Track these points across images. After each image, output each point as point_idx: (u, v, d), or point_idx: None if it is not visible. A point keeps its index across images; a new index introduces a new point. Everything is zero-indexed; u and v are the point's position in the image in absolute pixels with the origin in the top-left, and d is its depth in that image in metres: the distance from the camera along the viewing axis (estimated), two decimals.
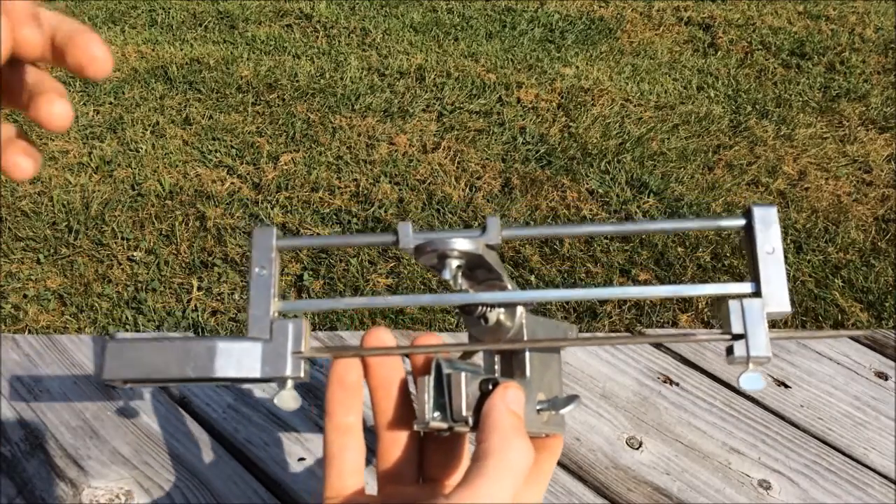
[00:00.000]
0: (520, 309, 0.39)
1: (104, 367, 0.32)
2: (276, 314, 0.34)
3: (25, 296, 1.53)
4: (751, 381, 0.33)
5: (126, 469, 0.63)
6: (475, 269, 0.38)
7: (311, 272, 1.57)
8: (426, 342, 0.36)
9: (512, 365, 0.39)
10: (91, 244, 1.65)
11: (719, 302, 0.34)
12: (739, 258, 1.61)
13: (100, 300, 1.51)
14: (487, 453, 0.31)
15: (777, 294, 0.33)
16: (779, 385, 0.71)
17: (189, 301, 1.51)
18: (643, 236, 1.66)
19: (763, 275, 0.34)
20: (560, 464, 0.64)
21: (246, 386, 0.70)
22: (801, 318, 1.49)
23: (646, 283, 1.55)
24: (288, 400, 0.33)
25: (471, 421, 0.33)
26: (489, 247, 0.36)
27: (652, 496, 0.62)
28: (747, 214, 0.35)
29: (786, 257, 1.60)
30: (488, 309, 0.38)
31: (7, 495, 0.61)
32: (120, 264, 1.60)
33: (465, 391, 0.33)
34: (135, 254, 1.63)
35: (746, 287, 0.34)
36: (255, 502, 0.61)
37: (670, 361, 0.72)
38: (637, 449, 0.65)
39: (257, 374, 0.33)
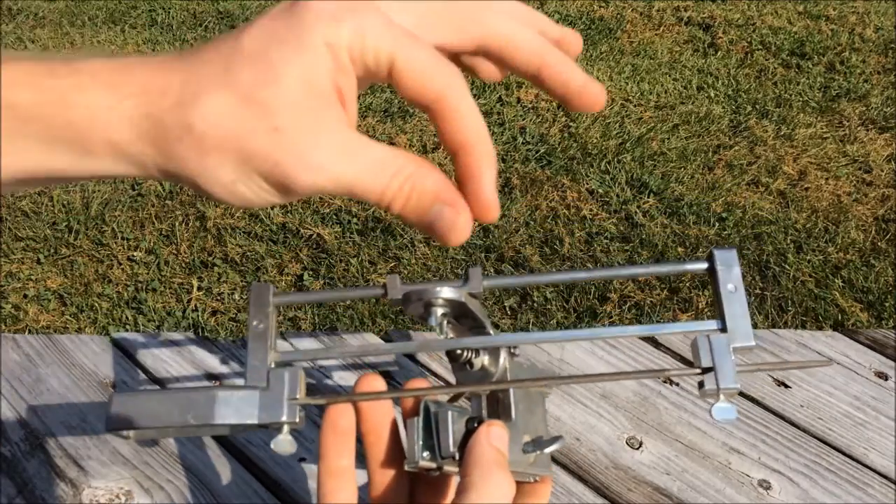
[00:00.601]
0: (503, 354, 0.41)
1: (108, 419, 0.33)
2: (273, 364, 0.36)
3: (25, 296, 1.53)
4: (723, 411, 0.35)
5: (126, 469, 0.63)
6: (460, 318, 0.40)
7: (311, 272, 1.57)
8: (416, 386, 0.38)
9: (498, 410, 0.41)
10: (91, 244, 1.65)
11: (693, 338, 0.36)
12: (739, 257, 1.61)
13: (100, 300, 1.51)
14: (468, 487, 0.33)
15: (741, 329, 0.36)
16: (779, 385, 0.71)
17: (189, 301, 1.51)
18: (643, 237, 1.66)
19: (727, 312, 0.36)
20: (560, 464, 0.64)
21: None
22: (802, 318, 1.49)
23: (645, 283, 1.55)
24: (284, 444, 0.35)
25: (457, 457, 0.35)
26: (472, 295, 0.39)
27: (652, 496, 0.62)
28: (710, 258, 0.38)
29: (785, 257, 1.60)
30: (473, 355, 0.40)
31: (7, 495, 0.61)
32: (120, 264, 1.60)
33: (451, 428, 0.35)
34: (135, 254, 1.63)
35: (713, 324, 0.36)
36: (255, 502, 0.61)
37: (670, 362, 0.72)
38: (637, 449, 0.65)
39: (255, 421, 0.34)
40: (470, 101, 0.29)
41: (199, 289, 1.54)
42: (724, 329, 0.36)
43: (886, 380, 0.73)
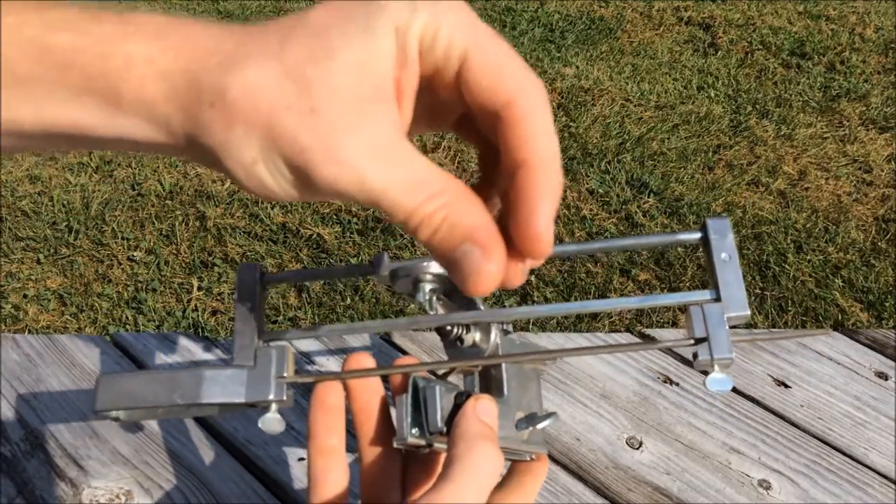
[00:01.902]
0: (494, 330, 0.40)
1: (96, 399, 0.33)
2: (261, 343, 0.35)
3: (25, 296, 1.53)
4: (718, 382, 0.34)
5: (126, 469, 0.63)
6: (450, 294, 0.40)
7: None
8: (404, 363, 0.37)
9: (490, 386, 0.40)
10: (91, 244, 1.65)
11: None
12: (740, 257, 1.61)
13: (100, 300, 1.51)
14: (454, 459, 0.32)
15: (736, 298, 0.35)
16: (779, 385, 0.71)
17: (189, 301, 1.51)
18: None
19: (721, 281, 0.35)
20: (560, 464, 0.64)
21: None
22: (802, 318, 1.49)
23: (645, 283, 1.55)
24: (272, 423, 0.34)
25: (446, 432, 0.34)
26: None
27: (652, 496, 0.62)
28: (703, 228, 0.37)
29: (785, 257, 1.60)
30: (463, 331, 0.40)
31: (7, 495, 0.61)
32: (120, 264, 1.60)
33: (439, 403, 0.34)
34: (135, 254, 1.63)
35: (706, 294, 0.35)
36: (255, 502, 0.61)
37: (670, 361, 0.72)
38: (637, 449, 0.65)
39: (242, 399, 0.34)
40: (545, 115, 0.26)
41: (199, 289, 1.54)
42: (717, 298, 0.35)
43: (886, 380, 0.73)
